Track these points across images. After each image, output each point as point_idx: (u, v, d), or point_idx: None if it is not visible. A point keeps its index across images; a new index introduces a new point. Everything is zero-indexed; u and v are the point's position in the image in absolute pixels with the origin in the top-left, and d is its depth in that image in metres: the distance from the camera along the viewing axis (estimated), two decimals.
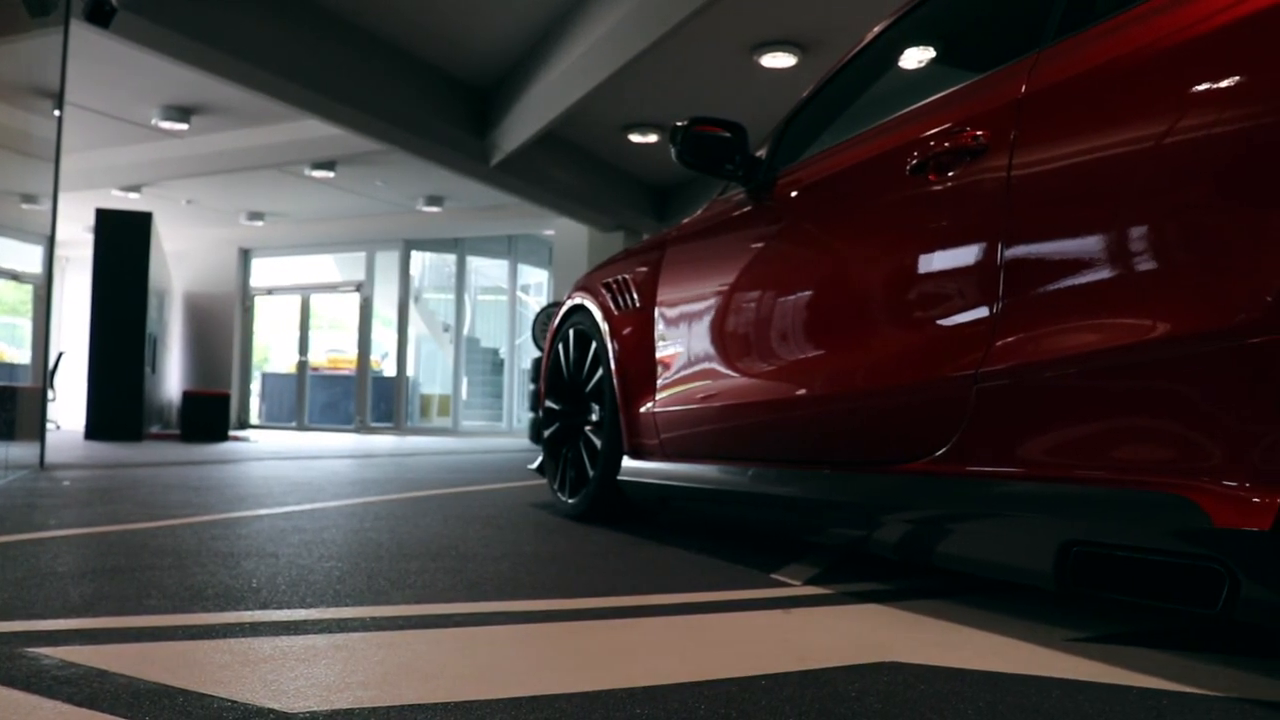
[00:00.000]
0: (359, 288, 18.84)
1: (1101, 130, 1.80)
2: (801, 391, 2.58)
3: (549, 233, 16.71)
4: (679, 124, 3.01)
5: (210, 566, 2.57)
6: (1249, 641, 1.92)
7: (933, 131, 2.23)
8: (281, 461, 8.15)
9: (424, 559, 2.77)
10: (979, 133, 2.09)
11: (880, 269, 2.40)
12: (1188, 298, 1.60)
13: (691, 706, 1.44)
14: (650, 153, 12.65)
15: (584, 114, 10.65)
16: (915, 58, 2.88)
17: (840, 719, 1.39)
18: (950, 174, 2.14)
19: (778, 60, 9.29)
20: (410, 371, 19.08)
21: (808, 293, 2.65)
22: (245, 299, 19.60)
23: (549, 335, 4.30)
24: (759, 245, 2.93)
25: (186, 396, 13.58)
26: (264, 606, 2.09)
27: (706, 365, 3.10)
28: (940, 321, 2.13)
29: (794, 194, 2.79)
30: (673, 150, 3.01)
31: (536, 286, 19.36)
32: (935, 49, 2.87)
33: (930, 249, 2.20)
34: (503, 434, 18.17)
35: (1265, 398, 1.46)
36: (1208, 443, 1.56)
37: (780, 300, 2.76)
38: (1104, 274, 1.75)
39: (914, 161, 2.25)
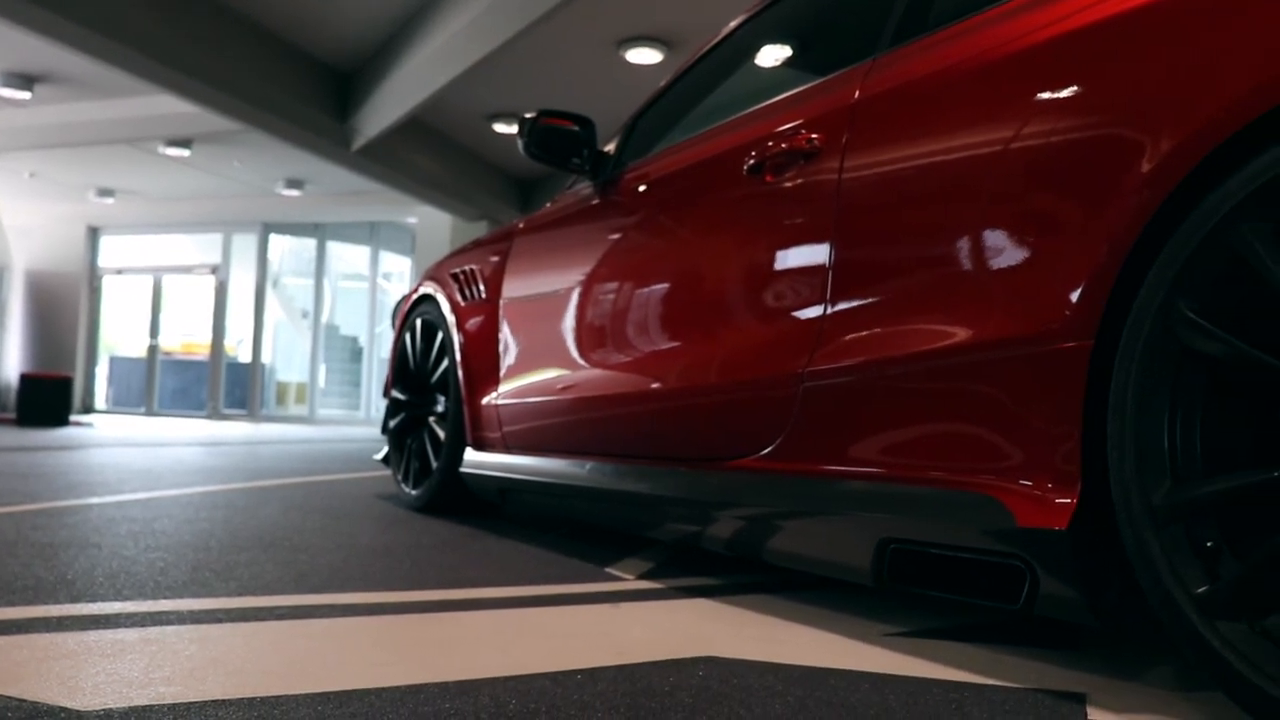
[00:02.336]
0: (214, 270, 18.27)
1: (924, 139, 1.86)
2: (637, 387, 2.59)
3: (412, 220, 16.46)
4: (527, 116, 3.00)
5: (24, 558, 2.46)
6: (1056, 634, 2.00)
7: (770, 133, 2.27)
8: (124, 448, 7.86)
9: (255, 550, 2.71)
10: (813, 136, 2.13)
11: (716, 267, 2.42)
12: (1000, 304, 1.66)
13: (502, 701, 1.43)
14: (514, 143, 12.45)
15: (448, 102, 10.54)
16: (762, 59, 2.92)
17: (649, 713, 1.40)
18: (785, 175, 2.18)
19: (643, 56, 9.32)
20: (266, 358, 18.61)
21: (647, 289, 2.67)
22: (93, 279, 18.81)
23: (397, 325, 4.25)
24: (602, 240, 2.93)
25: (24, 379, 13.00)
26: (76, 600, 2.02)
27: (547, 359, 3.10)
28: (772, 321, 2.17)
29: (638, 190, 2.81)
30: (520, 142, 3.00)
31: (399, 274, 19.07)
32: (782, 51, 2.92)
33: (764, 249, 2.24)
34: (360, 423, 17.86)
35: (1067, 401, 1.53)
36: (1014, 444, 1.62)
37: (621, 296, 2.77)
38: (922, 279, 1.80)
39: (751, 162, 2.29)
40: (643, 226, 2.79)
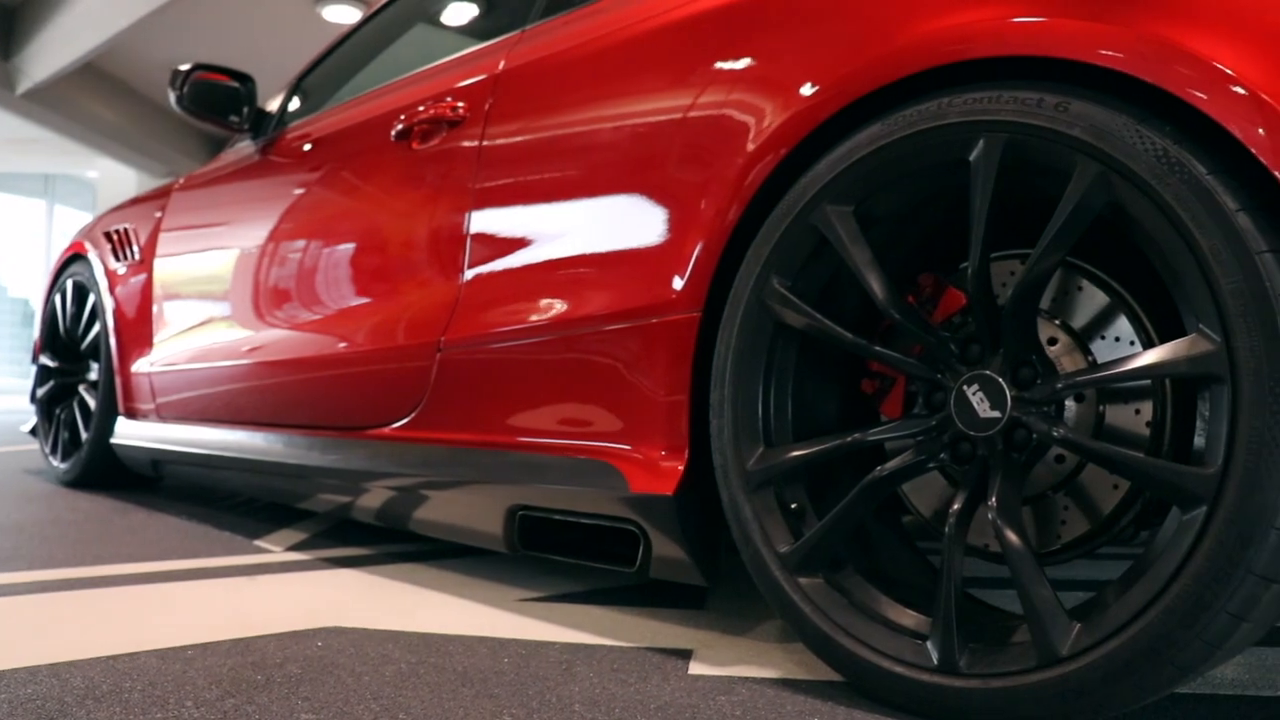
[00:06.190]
0: None
1: (557, 113, 1.90)
2: (287, 354, 2.52)
3: (93, 174, 15.36)
4: (181, 68, 2.84)
5: None
6: (685, 595, 2.08)
7: (420, 99, 2.26)
8: None
9: None
10: (459, 104, 2.13)
11: (363, 234, 2.38)
12: (619, 276, 1.71)
13: (95, 682, 1.37)
14: None
15: (132, 49, 9.90)
16: (429, 23, 2.89)
17: (252, 685, 1.37)
18: (431, 143, 2.18)
19: (340, 14, 9.06)
20: None
21: (298, 255, 2.59)
22: None
23: (47, 286, 3.95)
24: (256, 202, 2.82)
25: None
26: None
27: (198, 325, 2.97)
28: (413, 290, 2.16)
29: (295, 151, 2.72)
30: (172, 96, 2.84)
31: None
32: (450, 15, 2.90)
33: (408, 217, 2.22)
34: None
35: (677, 372, 1.60)
36: (631, 413, 1.68)
37: (272, 261, 2.68)
38: (549, 251, 1.85)
39: (400, 127, 2.26)
40: (296, 189, 2.69)
